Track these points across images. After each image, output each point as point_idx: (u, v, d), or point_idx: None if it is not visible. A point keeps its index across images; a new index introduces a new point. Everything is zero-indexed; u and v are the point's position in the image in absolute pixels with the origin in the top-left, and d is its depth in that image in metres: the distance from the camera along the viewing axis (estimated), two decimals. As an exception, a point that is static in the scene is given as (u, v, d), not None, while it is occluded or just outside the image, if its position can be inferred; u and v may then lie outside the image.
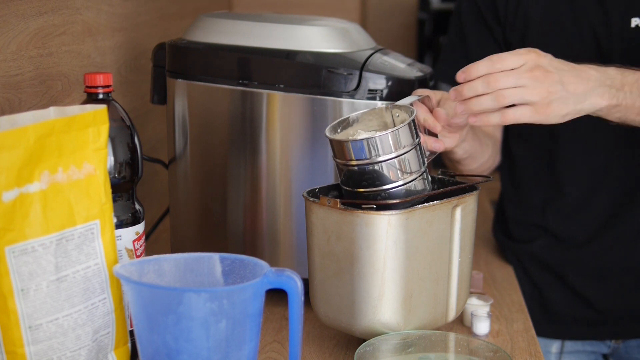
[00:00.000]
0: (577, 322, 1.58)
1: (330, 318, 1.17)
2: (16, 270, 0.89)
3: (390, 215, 1.09)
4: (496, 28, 1.55)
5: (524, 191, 1.61)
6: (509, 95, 1.13)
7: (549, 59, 1.17)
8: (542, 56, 1.16)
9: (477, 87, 1.14)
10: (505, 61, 1.14)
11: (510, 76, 1.13)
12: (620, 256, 1.54)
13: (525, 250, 1.60)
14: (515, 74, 1.14)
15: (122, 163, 1.09)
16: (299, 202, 1.30)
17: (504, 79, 1.13)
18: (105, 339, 0.99)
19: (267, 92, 1.30)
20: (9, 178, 0.88)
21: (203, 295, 0.89)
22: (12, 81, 1.15)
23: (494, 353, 1.09)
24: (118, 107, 1.11)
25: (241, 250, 1.35)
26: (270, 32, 1.32)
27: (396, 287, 1.11)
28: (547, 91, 1.15)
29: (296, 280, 0.94)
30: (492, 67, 1.13)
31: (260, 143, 1.32)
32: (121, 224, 1.09)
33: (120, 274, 0.93)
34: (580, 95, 1.17)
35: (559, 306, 1.59)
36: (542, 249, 1.59)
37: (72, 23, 1.33)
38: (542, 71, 1.15)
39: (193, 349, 0.90)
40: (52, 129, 0.92)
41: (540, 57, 1.16)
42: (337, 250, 1.13)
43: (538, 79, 1.14)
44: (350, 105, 1.27)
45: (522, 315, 1.34)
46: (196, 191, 1.38)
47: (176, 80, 1.36)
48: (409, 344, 1.12)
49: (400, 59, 1.36)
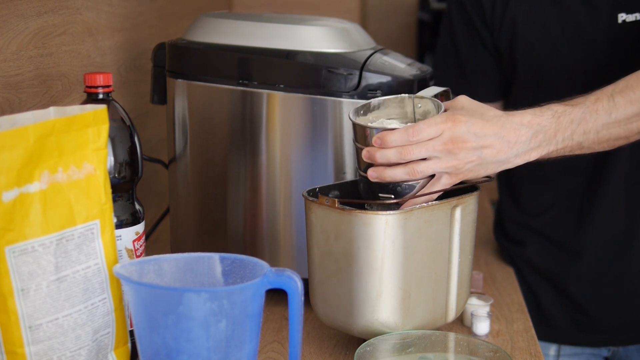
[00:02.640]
0: (572, 328, 1.58)
1: (330, 318, 1.17)
2: (16, 270, 0.89)
3: (388, 215, 1.10)
4: (484, 31, 1.55)
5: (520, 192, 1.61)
6: (421, 170, 1.12)
7: (468, 125, 1.12)
8: (459, 124, 1.12)
9: (390, 156, 1.11)
10: (421, 133, 1.11)
11: (422, 148, 1.11)
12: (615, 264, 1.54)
13: (520, 254, 1.61)
14: (428, 146, 1.11)
15: (122, 163, 1.09)
16: (299, 202, 1.30)
17: (416, 150, 1.11)
18: (105, 339, 0.99)
19: (267, 92, 1.30)
20: (9, 178, 0.88)
21: (203, 295, 0.89)
22: (12, 81, 1.15)
23: (494, 353, 1.09)
24: (118, 107, 1.11)
25: (241, 250, 1.35)
26: (270, 32, 1.32)
27: (394, 287, 1.12)
28: (462, 162, 1.12)
29: (296, 280, 0.94)
30: (407, 139, 1.11)
31: (260, 143, 1.32)
32: (121, 224, 1.09)
33: (120, 274, 0.93)
34: (502, 159, 1.15)
35: (553, 311, 1.59)
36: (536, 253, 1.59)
37: (72, 23, 1.33)
38: (458, 142, 1.12)
39: (193, 349, 0.90)
40: (52, 129, 0.92)
41: (457, 126, 1.12)
42: (335, 249, 1.13)
43: (452, 152, 1.12)
44: (351, 105, 1.27)
45: (522, 315, 1.34)
46: (196, 191, 1.38)
47: (176, 80, 1.36)
48: (408, 344, 1.13)
49: (400, 59, 1.37)
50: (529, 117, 1.16)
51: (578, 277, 1.56)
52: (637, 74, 1.23)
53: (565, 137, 1.17)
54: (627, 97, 1.20)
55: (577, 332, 1.58)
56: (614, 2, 1.45)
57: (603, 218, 1.53)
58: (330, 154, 1.30)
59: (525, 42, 1.51)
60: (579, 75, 1.49)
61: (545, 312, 1.59)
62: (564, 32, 1.48)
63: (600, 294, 1.56)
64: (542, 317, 1.58)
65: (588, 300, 1.56)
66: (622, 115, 1.20)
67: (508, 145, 1.14)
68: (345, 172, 1.30)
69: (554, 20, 1.49)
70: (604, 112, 1.19)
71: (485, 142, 1.13)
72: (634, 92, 1.21)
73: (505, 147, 1.14)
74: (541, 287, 1.59)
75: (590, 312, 1.56)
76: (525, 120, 1.15)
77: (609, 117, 1.19)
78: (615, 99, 1.20)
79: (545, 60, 1.51)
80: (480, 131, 1.12)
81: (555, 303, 1.58)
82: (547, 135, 1.16)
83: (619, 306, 1.56)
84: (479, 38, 1.56)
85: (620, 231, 1.53)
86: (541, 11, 1.50)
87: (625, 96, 1.20)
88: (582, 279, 1.56)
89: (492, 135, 1.13)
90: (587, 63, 1.48)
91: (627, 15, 1.44)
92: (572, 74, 1.49)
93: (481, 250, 1.65)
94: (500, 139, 1.13)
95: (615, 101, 1.20)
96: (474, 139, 1.12)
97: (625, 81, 1.22)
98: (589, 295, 1.56)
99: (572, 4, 1.47)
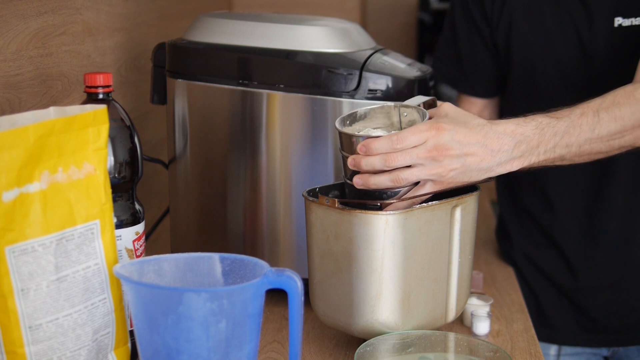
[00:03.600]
0: (572, 328, 1.58)
1: (329, 317, 1.17)
2: (16, 270, 0.89)
3: (387, 215, 1.10)
4: (485, 29, 1.56)
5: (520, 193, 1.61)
6: (405, 178, 1.12)
7: (452, 133, 1.12)
8: (443, 131, 1.12)
9: (375, 163, 1.12)
10: (406, 141, 1.11)
11: (407, 156, 1.11)
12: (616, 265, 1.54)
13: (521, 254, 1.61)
14: (412, 153, 1.11)
15: (122, 163, 1.09)
16: (299, 202, 1.30)
17: (401, 158, 1.11)
18: (105, 339, 0.99)
19: (267, 92, 1.30)
20: (9, 178, 0.88)
21: (203, 295, 0.89)
22: (12, 81, 1.15)
23: (494, 353, 1.09)
24: (118, 107, 1.11)
25: (241, 250, 1.35)
26: (270, 32, 1.32)
27: (394, 287, 1.12)
28: (446, 169, 1.12)
29: (296, 280, 0.94)
30: (391, 146, 1.11)
31: (260, 143, 1.32)
32: (121, 224, 1.09)
33: (120, 274, 0.93)
34: (485, 167, 1.15)
35: (554, 311, 1.59)
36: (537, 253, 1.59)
37: (72, 23, 1.33)
38: (442, 150, 1.12)
39: (193, 349, 0.90)
40: (52, 129, 0.92)
41: (441, 133, 1.12)
42: (335, 249, 1.13)
43: (436, 159, 1.12)
44: (350, 105, 1.27)
45: (522, 315, 1.34)
46: (196, 191, 1.38)
47: (176, 80, 1.36)
48: (408, 343, 1.13)
49: (400, 59, 1.37)
50: (513, 127, 1.16)
51: (579, 277, 1.56)
52: (625, 90, 1.23)
53: (547, 149, 1.18)
54: (612, 114, 1.21)
55: (577, 333, 1.58)
56: (611, 6, 1.45)
57: (604, 219, 1.53)
58: (330, 154, 1.30)
59: (522, 39, 1.51)
60: (574, 75, 1.49)
61: (546, 313, 1.59)
62: (561, 31, 1.48)
63: (601, 295, 1.56)
64: (543, 317, 1.58)
65: (589, 301, 1.56)
66: (605, 132, 1.20)
67: (491, 154, 1.14)
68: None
69: (550, 19, 1.49)
70: (587, 128, 1.20)
71: (469, 150, 1.13)
72: (619, 109, 1.21)
73: (488, 156, 1.14)
74: (542, 287, 1.59)
75: (591, 313, 1.56)
76: (509, 129, 1.16)
77: (591, 133, 1.20)
78: (601, 115, 1.20)
79: (541, 58, 1.51)
80: (463, 139, 1.13)
81: (556, 304, 1.58)
82: (530, 146, 1.16)
83: (619, 307, 1.56)
84: (479, 33, 1.57)
85: (620, 232, 1.53)
86: (538, 9, 1.50)
87: (610, 113, 1.21)
88: (583, 280, 1.56)
89: (475, 143, 1.13)
90: (583, 64, 1.48)
91: (623, 19, 1.45)
92: (567, 74, 1.49)
93: (481, 250, 1.65)
94: (483, 147, 1.14)
95: (600, 117, 1.20)
96: (457, 146, 1.12)
97: (613, 96, 1.22)
98: (589, 295, 1.56)
99: (569, 6, 1.47)
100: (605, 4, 1.45)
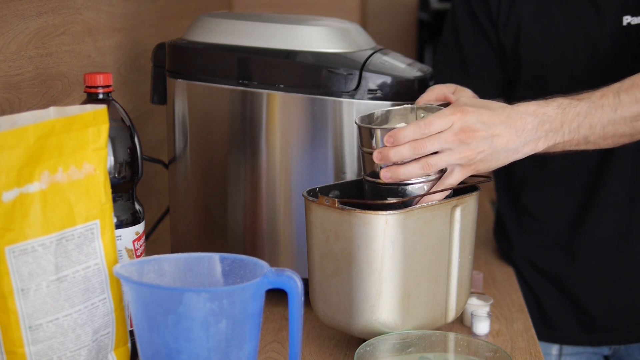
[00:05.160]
0: (573, 327, 1.58)
1: (329, 317, 1.17)
2: (16, 270, 0.89)
3: (387, 215, 1.10)
4: (489, 29, 1.55)
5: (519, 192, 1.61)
6: (434, 163, 1.12)
7: (477, 115, 1.13)
8: (468, 114, 1.13)
9: (404, 152, 1.12)
10: (432, 125, 1.11)
11: (435, 140, 1.12)
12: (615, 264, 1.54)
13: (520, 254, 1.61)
14: (440, 138, 1.12)
15: (122, 163, 1.09)
16: (299, 202, 1.30)
17: (429, 143, 1.12)
18: (105, 339, 0.99)
19: (267, 92, 1.30)
20: (9, 178, 0.88)
21: (203, 295, 0.89)
22: (12, 81, 1.15)
23: (494, 353, 1.09)
24: (118, 107, 1.11)
25: (241, 250, 1.35)
26: (270, 32, 1.32)
27: (394, 287, 1.12)
28: (474, 152, 1.13)
29: (296, 280, 0.94)
30: (419, 132, 1.11)
31: (260, 143, 1.32)
32: (121, 224, 1.09)
33: (120, 274, 0.93)
34: (512, 148, 1.15)
35: (554, 311, 1.59)
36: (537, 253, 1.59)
37: (72, 23, 1.33)
38: (469, 132, 1.12)
39: (193, 349, 0.90)
40: (52, 129, 0.92)
41: (467, 116, 1.13)
42: (335, 249, 1.13)
43: (464, 141, 1.12)
44: (350, 105, 1.27)
45: (522, 315, 1.34)
46: (196, 191, 1.38)
47: (176, 80, 1.36)
48: (408, 344, 1.13)
49: (400, 59, 1.37)
50: (534, 107, 1.17)
51: (579, 276, 1.56)
52: None
53: (571, 129, 1.18)
54: (632, 96, 1.21)
55: (578, 332, 1.58)
56: (619, 5, 1.45)
57: (603, 218, 1.53)
58: (330, 154, 1.30)
59: (530, 41, 1.51)
60: (583, 76, 1.48)
61: (547, 313, 1.59)
62: (569, 33, 1.48)
63: (601, 294, 1.55)
64: (544, 317, 1.58)
65: (589, 300, 1.56)
66: (628, 113, 1.21)
67: (516, 134, 1.15)
68: (345, 172, 1.30)
69: (559, 21, 1.48)
70: (609, 109, 1.20)
71: (495, 130, 1.14)
72: (639, 91, 1.21)
73: (514, 136, 1.15)
74: (542, 287, 1.59)
75: (591, 312, 1.56)
76: (530, 109, 1.17)
77: (614, 114, 1.20)
78: (621, 97, 1.21)
79: (549, 60, 1.50)
80: (488, 120, 1.14)
81: (557, 303, 1.58)
82: (553, 126, 1.17)
83: (620, 305, 1.56)
84: (484, 35, 1.56)
85: (620, 231, 1.53)
86: (547, 11, 1.49)
87: (630, 94, 1.21)
88: (583, 279, 1.56)
89: (499, 124, 1.14)
90: (592, 64, 1.48)
91: (632, 18, 1.44)
92: (576, 75, 1.49)
93: (481, 250, 1.65)
94: (508, 128, 1.15)
95: (621, 98, 1.21)
96: (483, 127, 1.13)
97: (631, 80, 1.23)
98: (590, 294, 1.56)
99: (577, 5, 1.47)
100: (614, 3, 1.45)
